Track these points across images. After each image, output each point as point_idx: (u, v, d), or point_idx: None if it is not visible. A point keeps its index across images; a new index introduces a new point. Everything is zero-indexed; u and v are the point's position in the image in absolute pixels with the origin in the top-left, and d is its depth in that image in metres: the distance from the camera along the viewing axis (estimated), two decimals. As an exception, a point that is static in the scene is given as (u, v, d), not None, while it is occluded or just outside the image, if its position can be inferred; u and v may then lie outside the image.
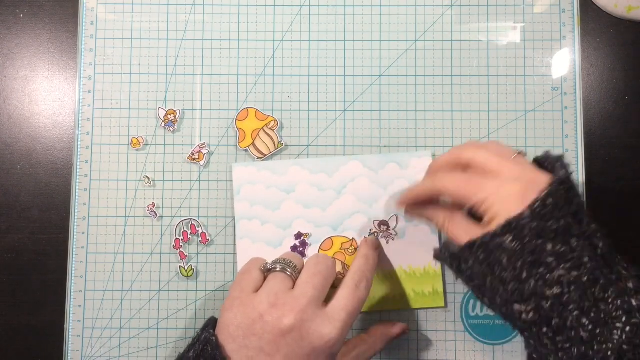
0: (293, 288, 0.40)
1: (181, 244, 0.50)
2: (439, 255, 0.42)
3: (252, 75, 0.52)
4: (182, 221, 0.50)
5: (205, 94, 0.51)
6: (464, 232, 0.40)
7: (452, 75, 0.51)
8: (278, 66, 0.52)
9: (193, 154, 0.51)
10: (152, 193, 0.51)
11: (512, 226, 0.36)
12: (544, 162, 0.41)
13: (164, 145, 0.51)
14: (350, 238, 0.49)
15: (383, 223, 0.49)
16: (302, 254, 0.49)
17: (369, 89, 0.51)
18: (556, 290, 0.35)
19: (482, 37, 0.52)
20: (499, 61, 0.51)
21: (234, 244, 0.50)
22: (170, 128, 0.51)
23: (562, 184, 0.37)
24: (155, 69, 0.52)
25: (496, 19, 0.52)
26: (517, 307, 0.36)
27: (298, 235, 0.50)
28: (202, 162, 0.51)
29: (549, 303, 0.35)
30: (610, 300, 0.35)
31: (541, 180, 0.37)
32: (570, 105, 0.51)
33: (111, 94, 0.51)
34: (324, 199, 0.50)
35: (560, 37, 0.51)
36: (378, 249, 0.48)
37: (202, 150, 0.51)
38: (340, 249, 0.49)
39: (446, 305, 0.49)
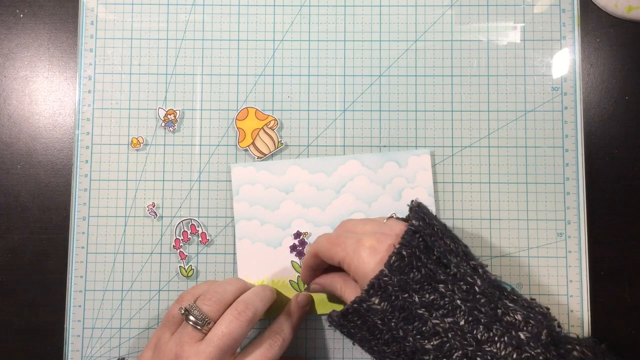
0: (203, 339, 0.41)
1: (181, 244, 0.50)
2: (329, 324, 0.42)
3: (252, 75, 0.52)
4: (182, 221, 0.50)
5: (205, 94, 0.51)
6: (348, 297, 0.41)
7: (452, 75, 0.51)
8: (278, 66, 0.52)
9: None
10: (152, 193, 0.51)
11: (375, 287, 0.36)
12: (411, 214, 0.41)
13: (164, 145, 0.51)
14: None
15: (383, 223, 0.49)
16: (301, 253, 0.49)
17: (369, 89, 0.51)
18: (435, 341, 0.34)
19: (482, 37, 0.52)
20: (499, 61, 0.51)
21: (234, 244, 0.50)
22: (170, 128, 0.51)
23: (415, 233, 0.37)
24: (155, 69, 0.52)
25: (496, 19, 0.52)
26: None
27: (297, 235, 0.50)
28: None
29: (431, 357, 0.34)
30: (496, 338, 0.34)
31: (396, 230, 0.38)
32: (570, 105, 0.51)
33: (111, 94, 0.52)
34: (323, 198, 0.50)
35: (560, 37, 0.51)
36: (307, 306, 0.48)
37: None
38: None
39: (446, 305, 0.49)
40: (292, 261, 0.49)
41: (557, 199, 0.50)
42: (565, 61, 0.51)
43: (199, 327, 0.41)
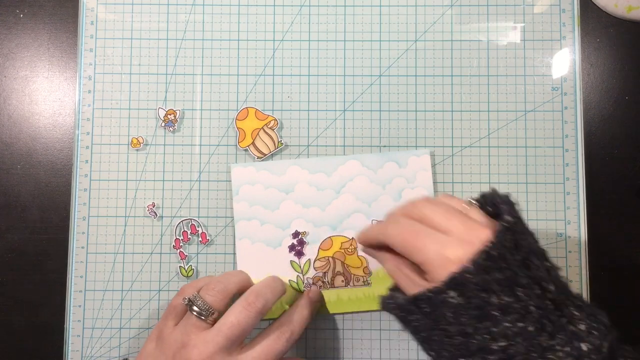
0: (211, 328, 0.41)
1: (181, 244, 0.50)
2: (385, 305, 0.40)
3: (252, 75, 0.52)
4: (182, 221, 0.50)
5: (205, 94, 0.51)
6: (411, 282, 0.39)
7: (452, 75, 0.51)
8: (278, 66, 0.52)
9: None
10: (152, 193, 0.51)
11: (456, 282, 0.35)
12: (490, 203, 0.40)
13: (164, 145, 0.51)
14: (350, 237, 0.49)
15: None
16: (300, 253, 0.49)
17: (369, 89, 0.51)
18: (502, 343, 0.34)
19: (482, 37, 0.52)
20: (499, 61, 0.51)
21: (234, 244, 0.50)
22: (170, 128, 0.51)
23: (507, 231, 0.36)
24: (155, 69, 0.52)
25: (496, 19, 0.52)
26: None
27: (295, 234, 0.50)
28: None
29: (495, 357, 0.34)
30: (558, 347, 0.33)
31: (484, 237, 0.36)
32: (570, 105, 0.51)
33: (111, 94, 0.52)
34: (323, 198, 0.50)
35: (560, 37, 0.51)
36: (318, 302, 0.48)
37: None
38: (340, 248, 0.49)
39: (446, 305, 0.49)
40: (291, 261, 0.49)
41: (557, 199, 0.50)
42: (565, 61, 0.51)
43: (203, 318, 0.42)
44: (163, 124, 0.51)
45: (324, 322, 0.50)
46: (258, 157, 0.50)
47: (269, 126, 0.51)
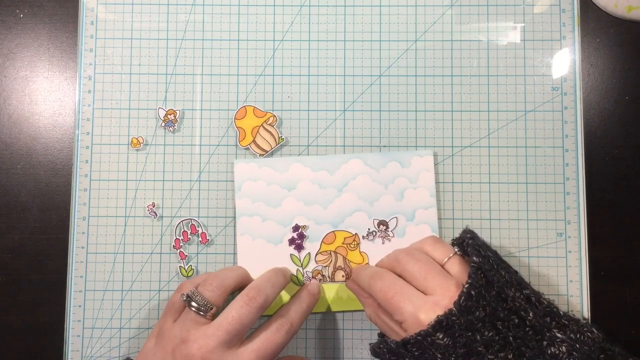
0: (211, 323, 0.42)
1: (181, 244, 0.50)
2: (375, 351, 0.43)
3: (252, 75, 0.52)
4: (182, 221, 0.50)
5: (205, 94, 0.51)
6: (389, 329, 0.42)
7: (452, 75, 0.51)
8: (278, 66, 0.52)
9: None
10: (152, 193, 0.51)
11: (442, 324, 0.37)
12: (462, 246, 0.43)
13: (164, 145, 0.51)
14: (354, 233, 0.49)
15: (382, 223, 0.49)
16: (300, 247, 0.49)
17: (369, 89, 0.51)
18: None
19: (482, 37, 0.52)
20: (499, 61, 0.51)
21: (234, 244, 0.50)
22: (170, 128, 0.51)
23: (479, 270, 0.39)
24: (155, 69, 0.52)
25: (496, 19, 0.52)
26: None
27: (295, 228, 0.50)
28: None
29: None
30: None
31: (450, 285, 0.40)
32: (570, 105, 0.51)
33: (111, 94, 0.51)
34: (325, 196, 0.50)
35: (560, 37, 0.51)
36: (317, 295, 0.48)
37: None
38: (343, 243, 0.49)
39: (446, 305, 0.49)
40: (291, 254, 0.49)
41: (557, 199, 0.50)
42: (565, 61, 0.51)
43: (202, 313, 0.42)
44: (163, 124, 0.51)
45: (324, 322, 0.50)
46: (260, 155, 0.50)
47: (268, 123, 0.51)
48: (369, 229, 0.49)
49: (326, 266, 0.49)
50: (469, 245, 0.42)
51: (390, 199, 0.49)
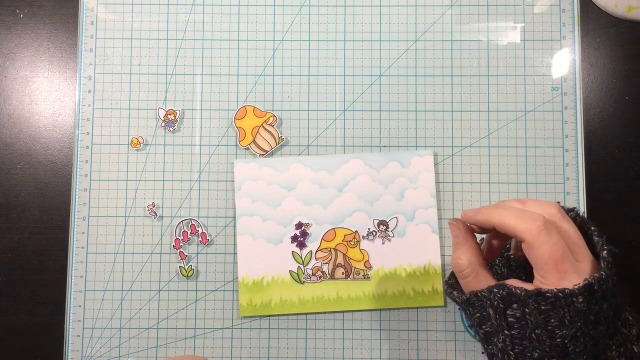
0: None
1: (181, 244, 0.50)
2: (480, 295, 0.40)
3: (252, 75, 0.52)
4: (182, 221, 0.50)
5: (205, 94, 0.51)
6: (483, 279, 0.41)
7: (452, 75, 0.51)
8: (278, 66, 0.52)
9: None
10: (152, 193, 0.51)
11: (589, 289, 0.36)
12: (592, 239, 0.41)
13: (164, 145, 0.51)
14: (354, 230, 0.49)
15: (382, 223, 0.49)
16: (303, 244, 0.49)
17: (369, 89, 0.51)
18: (591, 343, 0.37)
19: (482, 37, 0.52)
20: (499, 61, 0.51)
21: (234, 244, 0.50)
22: (170, 128, 0.51)
23: (605, 246, 0.38)
24: (155, 69, 0.52)
25: (496, 19, 0.52)
26: None
27: (299, 225, 0.50)
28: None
29: (585, 357, 0.36)
30: (614, 347, 0.37)
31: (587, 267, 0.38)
32: (570, 105, 0.51)
33: (111, 94, 0.51)
34: (325, 196, 0.50)
35: (560, 37, 0.51)
36: None
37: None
38: (343, 240, 0.49)
39: (446, 305, 0.49)
40: (292, 251, 0.49)
41: (557, 199, 0.50)
42: (565, 61, 0.51)
43: None
44: (163, 124, 0.51)
45: (324, 322, 0.50)
46: (260, 155, 0.50)
47: (268, 122, 0.51)
48: (369, 229, 0.49)
49: (326, 263, 0.49)
50: (595, 231, 0.41)
51: (390, 199, 0.49)
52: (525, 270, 0.45)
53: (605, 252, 0.38)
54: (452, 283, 0.45)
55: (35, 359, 0.50)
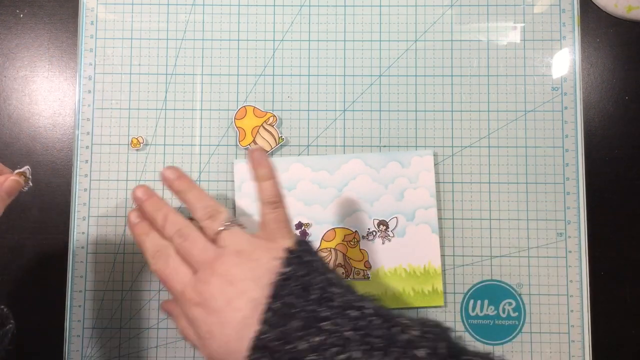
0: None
1: (181, 244, 0.50)
2: None
3: (252, 75, 0.52)
4: (182, 221, 0.50)
5: (205, 94, 0.51)
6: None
7: (452, 75, 0.51)
8: (278, 66, 0.52)
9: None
10: (152, 193, 0.51)
11: (257, 347, 0.33)
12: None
13: (164, 145, 0.51)
14: (354, 230, 0.49)
15: (382, 223, 0.49)
16: None
17: (369, 89, 0.51)
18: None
19: (482, 37, 0.52)
20: (499, 61, 0.51)
21: (234, 244, 0.50)
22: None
23: (287, 280, 0.35)
24: (155, 69, 0.52)
25: (496, 19, 0.52)
26: None
27: (298, 225, 0.50)
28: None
29: None
30: (395, 356, 0.32)
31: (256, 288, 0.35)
32: (570, 105, 0.51)
33: (111, 94, 0.51)
34: (325, 196, 0.50)
35: (560, 37, 0.51)
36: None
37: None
38: (343, 240, 0.49)
39: (446, 305, 0.49)
40: None
41: (557, 199, 0.50)
42: (565, 61, 0.51)
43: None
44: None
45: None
46: (259, 156, 0.50)
47: (268, 123, 0.51)
48: (369, 229, 0.49)
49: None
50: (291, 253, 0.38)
51: (390, 199, 0.49)
52: None
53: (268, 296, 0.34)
54: None
55: (35, 358, 0.50)
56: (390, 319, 0.34)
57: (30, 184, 0.44)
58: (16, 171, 0.44)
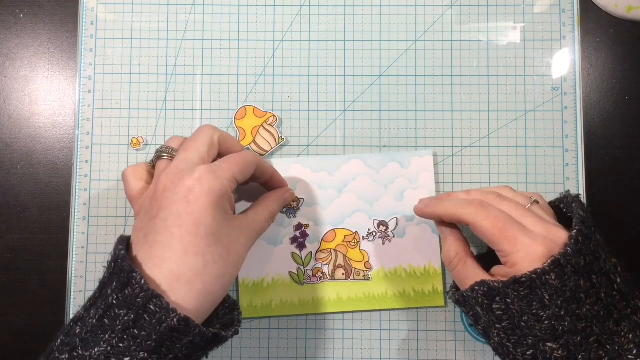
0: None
1: (181, 244, 0.50)
2: (464, 297, 0.41)
3: (252, 75, 0.52)
4: (182, 221, 0.50)
5: (205, 94, 0.51)
6: (474, 275, 0.41)
7: (452, 75, 0.51)
8: (278, 66, 0.52)
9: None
10: (152, 193, 0.51)
11: (557, 264, 0.36)
12: (560, 204, 0.43)
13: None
14: (354, 231, 0.49)
15: (382, 223, 0.49)
16: (303, 245, 0.49)
17: (369, 89, 0.51)
18: (584, 324, 0.36)
19: (482, 37, 0.52)
20: (499, 61, 0.51)
21: (234, 244, 0.50)
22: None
23: (584, 223, 0.38)
24: (155, 69, 0.52)
25: (496, 19, 0.52)
26: (550, 345, 0.36)
27: (298, 226, 0.50)
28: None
29: (578, 338, 0.36)
30: (623, 333, 0.36)
31: (562, 236, 0.38)
32: (570, 105, 0.51)
33: (111, 94, 0.51)
34: (325, 197, 0.50)
35: (560, 37, 0.51)
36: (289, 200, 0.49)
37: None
38: (343, 241, 0.49)
39: (446, 305, 0.49)
40: (292, 253, 0.49)
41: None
42: (565, 61, 0.51)
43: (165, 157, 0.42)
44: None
45: (324, 322, 0.50)
46: (260, 155, 0.50)
47: (268, 123, 0.51)
48: (369, 230, 0.49)
49: (326, 264, 0.49)
50: (574, 200, 0.41)
51: (390, 200, 0.49)
52: None
53: (574, 231, 0.38)
54: (453, 285, 0.46)
55: (35, 359, 0.50)
56: (629, 300, 0.38)
57: (295, 209, 0.50)
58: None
